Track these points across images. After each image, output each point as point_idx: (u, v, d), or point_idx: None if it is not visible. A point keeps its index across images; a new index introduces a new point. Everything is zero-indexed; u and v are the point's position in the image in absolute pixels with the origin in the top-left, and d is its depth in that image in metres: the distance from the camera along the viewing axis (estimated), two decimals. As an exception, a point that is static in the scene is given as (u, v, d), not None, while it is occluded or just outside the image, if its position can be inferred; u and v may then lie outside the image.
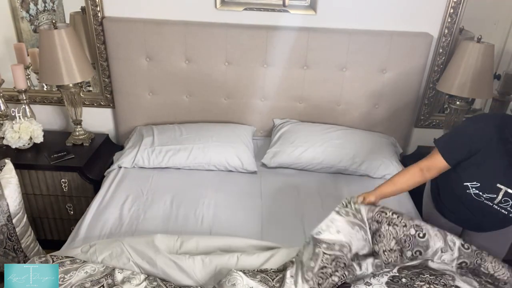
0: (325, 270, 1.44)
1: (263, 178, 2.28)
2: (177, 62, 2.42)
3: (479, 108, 2.67)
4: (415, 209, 2.16)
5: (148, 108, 2.55)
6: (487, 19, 2.44)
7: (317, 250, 1.48)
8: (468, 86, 2.23)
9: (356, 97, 2.50)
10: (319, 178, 2.30)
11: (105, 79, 2.54)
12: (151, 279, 1.53)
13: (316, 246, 1.49)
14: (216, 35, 2.34)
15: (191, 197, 2.09)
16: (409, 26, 2.38)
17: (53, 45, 2.15)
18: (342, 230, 1.54)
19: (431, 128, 2.67)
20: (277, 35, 2.34)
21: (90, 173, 2.34)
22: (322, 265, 1.45)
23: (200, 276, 1.55)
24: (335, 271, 1.45)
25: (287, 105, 2.55)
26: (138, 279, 1.51)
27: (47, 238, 2.54)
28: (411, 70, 2.41)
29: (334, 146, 2.32)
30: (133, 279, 1.51)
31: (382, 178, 2.31)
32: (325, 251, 1.47)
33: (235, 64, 2.42)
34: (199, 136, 2.36)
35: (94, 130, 2.67)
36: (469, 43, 2.22)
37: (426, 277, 1.54)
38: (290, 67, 2.42)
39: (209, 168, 2.31)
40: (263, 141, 2.60)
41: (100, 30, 2.39)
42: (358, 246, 1.54)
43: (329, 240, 1.50)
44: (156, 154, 2.28)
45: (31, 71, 2.55)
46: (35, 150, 2.42)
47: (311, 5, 2.35)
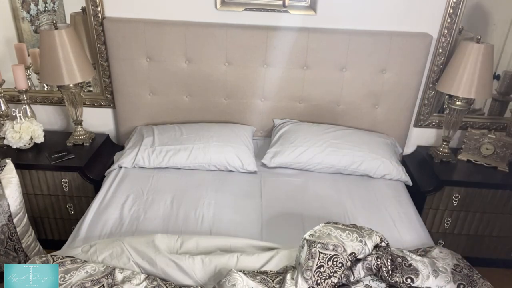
0: (323, 269, 1.45)
1: (263, 178, 2.29)
2: (177, 62, 2.43)
3: (479, 108, 2.68)
4: (415, 209, 2.16)
5: (149, 108, 2.56)
6: (486, 19, 2.44)
7: (313, 250, 1.49)
8: (467, 86, 2.24)
9: (356, 97, 2.50)
10: (319, 178, 2.31)
11: (105, 79, 2.55)
12: (151, 279, 1.54)
13: (312, 247, 1.50)
14: (216, 35, 2.35)
15: (191, 197, 2.10)
16: (408, 26, 2.38)
17: (53, 46, 2.16)
18: (332, 233, 1.57)
19: (431, 128, 2.68)
20: (277, 35, 2.35)
21: (90, 173, 2.35)
22: (319, 264, 1.46)
23: (200, 276, 1.56)
24: (333, 272, 1.46)
25: (287, 105, 2.55)
26: (138, 279, 1.52)
27: (48, 238, 2.55)
28: (411, 70, 2.41)
29: (334, 146, 2.32)
30: (133, 278, 1.51)
31: (381, 178, 2.32)
32: (321, 251, 1.49)
33: (235, 64, 2.43)
34: (200, 136, 2.37)
35: (95, 130, 2.68)
36: (468, 43, 2.22)
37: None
38: (290, 67, 2.43)
39: (209, 168, 2.32)
40: (263, 141, 2.61)
41: (101, 30, 2.39)
42: (353, 247, 1.55)
43: (323, 241, 1.52)
44: (156, 154, 2.29)
45: (31, 71, 2.56)
46: (35, 150, 2.43)
47: (311, 5, 2.35)
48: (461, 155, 2.53)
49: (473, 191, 2.34)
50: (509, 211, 2.40)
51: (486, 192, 2.34)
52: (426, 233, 1.98)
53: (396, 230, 1.94)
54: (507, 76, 2.54)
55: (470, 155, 2.51)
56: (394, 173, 2.31)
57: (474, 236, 2.49)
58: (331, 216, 1.98)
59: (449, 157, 2.51)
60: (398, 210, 2.10)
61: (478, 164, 2.48)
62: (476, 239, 2.50)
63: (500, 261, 2.58)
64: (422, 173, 2.49)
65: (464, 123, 2.59)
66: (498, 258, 2.57)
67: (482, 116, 2.66)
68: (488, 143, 2.44)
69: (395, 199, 2.18)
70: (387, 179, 2.32)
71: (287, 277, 1.49)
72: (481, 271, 1.69)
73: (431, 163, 2.51)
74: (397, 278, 1.54)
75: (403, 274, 1.55)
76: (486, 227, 2.45)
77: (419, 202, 2.36)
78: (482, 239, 2.50)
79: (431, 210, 2.41)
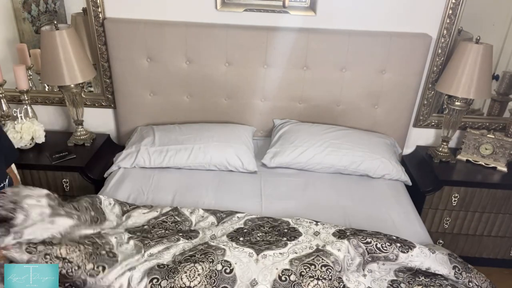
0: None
1: (263, 178, 2.29)
2: (177, 63, 2.43)
3: (478, 109, 2.69)
4: (414, 209, 2.17)
5: (149, 109, 2.57)
6: (485, 19, 2.45)
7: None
8: (467, 86, 2.24)
9: (356, 97, 2.51)
10: (319, 178, 2.32)
11: (106, 79, 2.56)
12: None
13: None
14: (216, 36, 2.36)
15: (191, 196, 2.11)
16: (408, 27, 2.39)
17: (54, 46, 2.17)
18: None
19: (430, 128, 2.69)
20: (277, 36, 2.36)
21: (91, 173, 2.36)
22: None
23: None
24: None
25: (287, 106, 2.56)
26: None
27: (49, 238, 2.55)
28: (410, 70, 2.42)
29: (334, 146, 2.33)
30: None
31: (381, 178, 2.33)
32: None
33: (235, 65, 2.44)
34: (200, 136, 2.37)
35: (95, 130, 2.69)
36: (468, 43, 2.23)
37: (422, 279, 1.57)
38: (290, 67, 2.43)
39: (210, 168, 2.32)
40: (263, 141, 2.62)
41: (101, 31, 2.40)
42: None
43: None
44: (156, 154, 2.30)
45: (33, 71, 2.57)
46: (36, 150, 2.44)
47: (310, 6, 2.36)
48: (460, 155, 2.54)
49: (472, 191, 2.35)
50: (508, 211, 2.41)
51: (485, 192, 2.35)
52: (426, 233, 1.98)
53: (396, 230, 1.95)
54: (506, 76, 2.54)
55: (469, 155, 2.52)
56: (394, 173, 2.32)
57: (473, 236, 2.50)
58: (332, 216, 1.99)
59: (448, 157, 2.52)
60: (398, 210, 2.10)
61: (477, 164, 2.49)
62: (475, 239, 2.51)
63: (499, 260, 2.59)
64: (421, 173, 2.50)
65: (464, 123, 2.60)
66: (497, 258, 2.58)
67: (481, 116, 2.67)
68: (487, 143, 2.45)
69: (394, 199, 2.19)
70: (386, 179, 2.33)
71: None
72: (480, 271, 1.69)
73: (431, 163, 2.51)
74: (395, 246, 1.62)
75: (402, 245, 1.62)
76: (485, 227, 2.46)
77: (419, 202, 2.37)
78: (481, 239, 2.51)
79: (430, 210, 2.42)
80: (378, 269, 1.64)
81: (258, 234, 1.74)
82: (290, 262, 1.56)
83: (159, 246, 1.62)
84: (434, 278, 1.57)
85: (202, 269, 1.49)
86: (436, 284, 1.55)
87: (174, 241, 1.67)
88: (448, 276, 1.60)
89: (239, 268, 1.52)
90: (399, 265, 1.63)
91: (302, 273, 1.51)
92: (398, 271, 1.63)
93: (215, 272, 1.49)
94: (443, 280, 1.57)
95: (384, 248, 1.63)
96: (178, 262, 1.53)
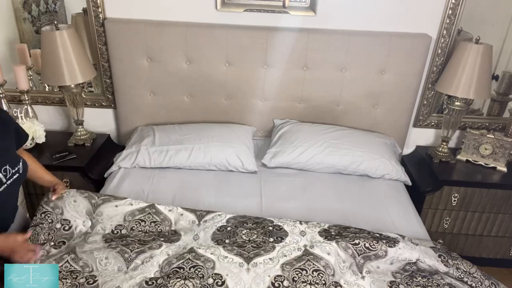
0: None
1: (263, 178, 2.30)
2: (178, 63, 2.44)
3: (478, 109, 2.69)
4: (414, 209, 2.17)
5: (149, 109, 2.57)
6: (485, 19, 2.45)
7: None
8: (466, 86, 2.25)
9: (356, 97, 2.51)
10: (319, 178, 2.32)
11: (106, 79, 2.56)
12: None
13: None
14: (216, 36, 2.36)
15: (191, 196, 2.11)
16: (408, 27, 2.40)
17: (55, 46, 2.17)
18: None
19: (430, 128, 2.69)
20: (277, 36, 2.36)
21: (91, 173, 2.36)
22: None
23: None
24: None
25: (287, 106, 2.56)
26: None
27: (49, 238, 2.56)
28: (410, 70, 2.42)
29: (334, 146, 2.33)
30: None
31: (381, 178, 2.33)
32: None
33: (235, 65, 2.44)
34: (200, 136, 2.38)
35: (96, 130, 2.69)
36: (467, 44, 2.23)
37: (419, 280, 1.57)
38: (290, 68, 2.44)
39: (210, 168, 2.33)
40: (263, 141, 2.62)
41: (102, 31, 2.40)
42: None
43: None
44: (157, 154, 2.30)
45: (33, 72, 2.57)
46: (37, 150, 2.44)
47: (310, 6, 2.36)
48: (460, 155, 2.54)
49: (472, 191, 2.35)
50: (508, 211, 2.41)
51: (485, 192, 2.35)
52: (425, 233, 1.98)
53: (395, 230, 1.95)
54: (505, 77, 2.55)
55: (469, 155, 2.52)
56: (394, 173, 2.32)
57: (473, 235, 2.50)
58: (331, 216, 1.99)
59: (448, 157, 2.52)
60: (398, 210, 2.11)
61: (477, 164, 2.50)
62: (475, 238, 2.52)
63: (499, 260, 2.59)
64: (421, 173, 2.50)
65: (463, 123, 2.60)
66: (497, 258, 2.58)
67: (481, 116, 2.67)
68: (487, 143, 2.45)
69: (394, 199, 2.19)
70: (386, 179, 2.34)
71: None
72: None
73: (430, 163, 2.52)
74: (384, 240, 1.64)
75: (387, 241, 1.66)
76: (485, 226, 2.46)
77: (418, 202, 2.37)
78: (481, 239, 2.51)
79: (430, 210, 2.42)
80: (375, 271, 1.64)
81: (243, 232, 1.72)
82: (282, 267, 1.56)
83: (141, 255, 1.59)
84: (431, 279, 1.57)
85: (193, 285, 1.46)
86: (434, 284, 1.55)
87: (156, 247, 1.63)
88: (438, 266, 1.64)
89: (231, 280, 1.51)
90: (392, 262, 1.65)
91: (295, 278, 1.51)
92: (395, 273, 1.63)
93: (207, 286, 1.47)
94: (440, 280, 1.57)
95: (373, 246, 1.66)
96: (167, 276, 1.50)
